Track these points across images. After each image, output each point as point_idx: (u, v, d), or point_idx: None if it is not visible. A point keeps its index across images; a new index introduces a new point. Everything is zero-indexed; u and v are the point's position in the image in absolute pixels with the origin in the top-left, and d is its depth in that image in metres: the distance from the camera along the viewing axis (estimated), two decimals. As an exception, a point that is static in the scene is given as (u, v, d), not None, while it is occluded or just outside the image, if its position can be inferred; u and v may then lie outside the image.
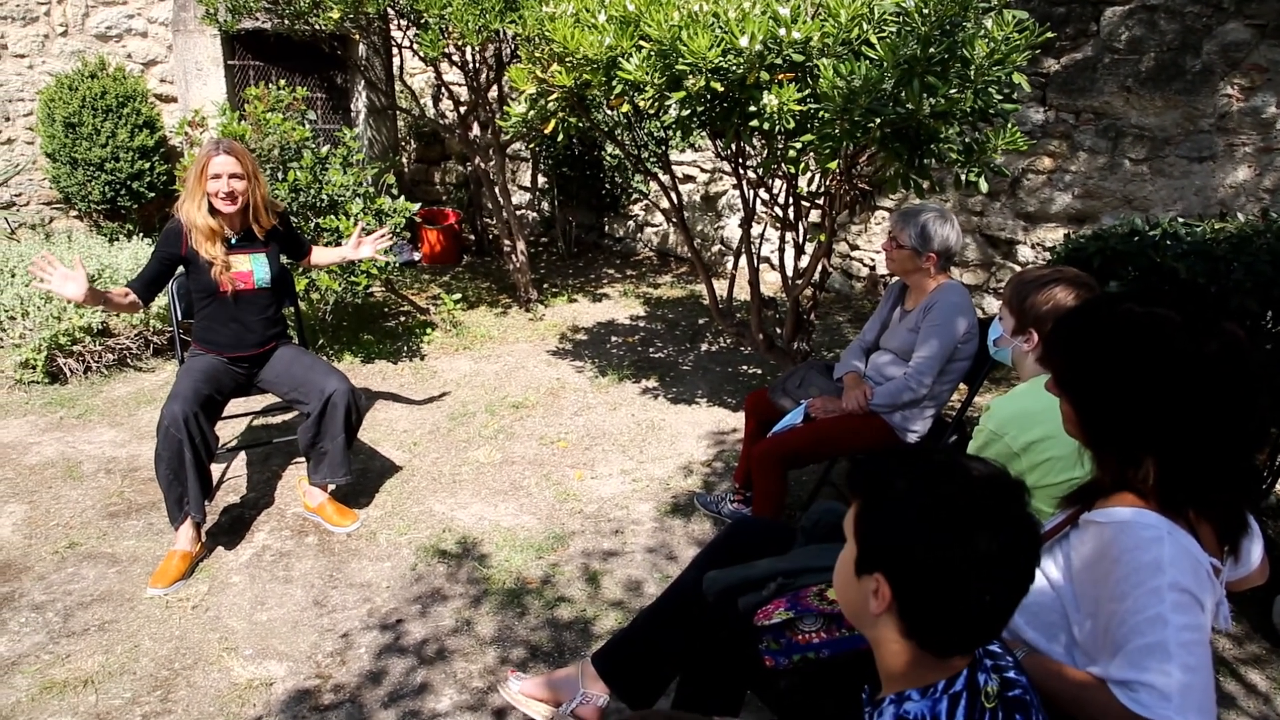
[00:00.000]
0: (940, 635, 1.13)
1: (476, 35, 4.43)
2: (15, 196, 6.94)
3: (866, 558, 1.17)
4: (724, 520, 3.46)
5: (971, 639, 1.14)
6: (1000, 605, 1.12)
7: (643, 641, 2.05)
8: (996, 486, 1.13)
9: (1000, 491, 1.12)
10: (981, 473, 1.14)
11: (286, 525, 3.45)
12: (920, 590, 1.12)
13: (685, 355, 5.29)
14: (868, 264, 6.17)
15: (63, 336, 4.62)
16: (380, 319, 5.78)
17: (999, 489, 1.12)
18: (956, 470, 1.14)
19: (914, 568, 1.11)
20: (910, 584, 1.12)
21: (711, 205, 7.05)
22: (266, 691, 2.58)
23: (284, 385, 3.42)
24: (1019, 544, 1.10)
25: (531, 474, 3.84)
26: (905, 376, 3.04)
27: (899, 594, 1.13)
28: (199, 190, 3.21)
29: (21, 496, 3.61)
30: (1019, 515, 1.11)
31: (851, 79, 2.80)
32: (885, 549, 1.15)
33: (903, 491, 1.14)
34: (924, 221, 3.03)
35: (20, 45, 6.85)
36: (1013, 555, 1.10)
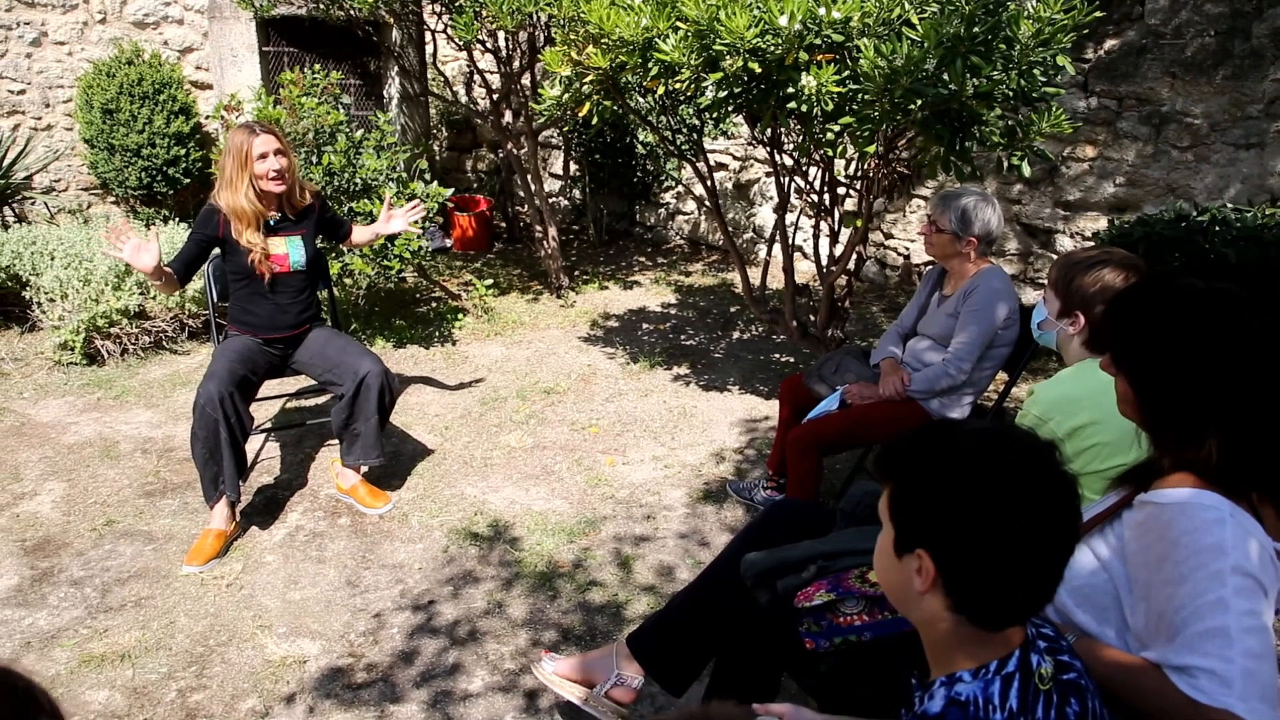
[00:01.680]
0: (989, 606, 1.10)
1: (511, 19, 4.41)
2: (55, 182, 7.02)
3: (905, 536, 1.14)
4: (756, 507, 3.43)
5: (1022, 607, 1.10)
6: (1046, 568, 1.08)
7: (678, 623, 2.03)
8: (1025, 447, 1.09)
9: (1030, 452, 1.09)
10: (1009, 436, 1.11)
11: (319, 506, 3.46)
12: (964, 560, 1.09)
13: (717, 343, 5.25)
14: (902, 253, 6.09)
15: (100, 319, 4.66)
16: (412, 304, 5.79)
17: (1028, 450, 1.09)
18: (983, 437, 1.11)
19: (954, 537, 1.09)
20: (953, 555, 1.09)
21: (743, 193, 6.99)
22: (300, 669, 2.59)
23: (318, 367, 3.43)
24: (1056, 503, 1.07)
25: (563, 459, 3.82)
26: (944, 362, 2.99)
27: (943, 567, 1.10)
28: (242, 177, 3.20)
29: (61, 475, 3.66)
30: (1052, 474, 1.08)
31: (893, 58, 2.75)
32: (924, 524, 1.12)
33: (932, 466, 1.11)
34: (965, 205, 2.97)
35: (60, 33, 6.92)
36: (1052, 514, 1.06)
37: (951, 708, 1.06)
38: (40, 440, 3.95)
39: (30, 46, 6.83)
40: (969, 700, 1.06)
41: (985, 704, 1.06)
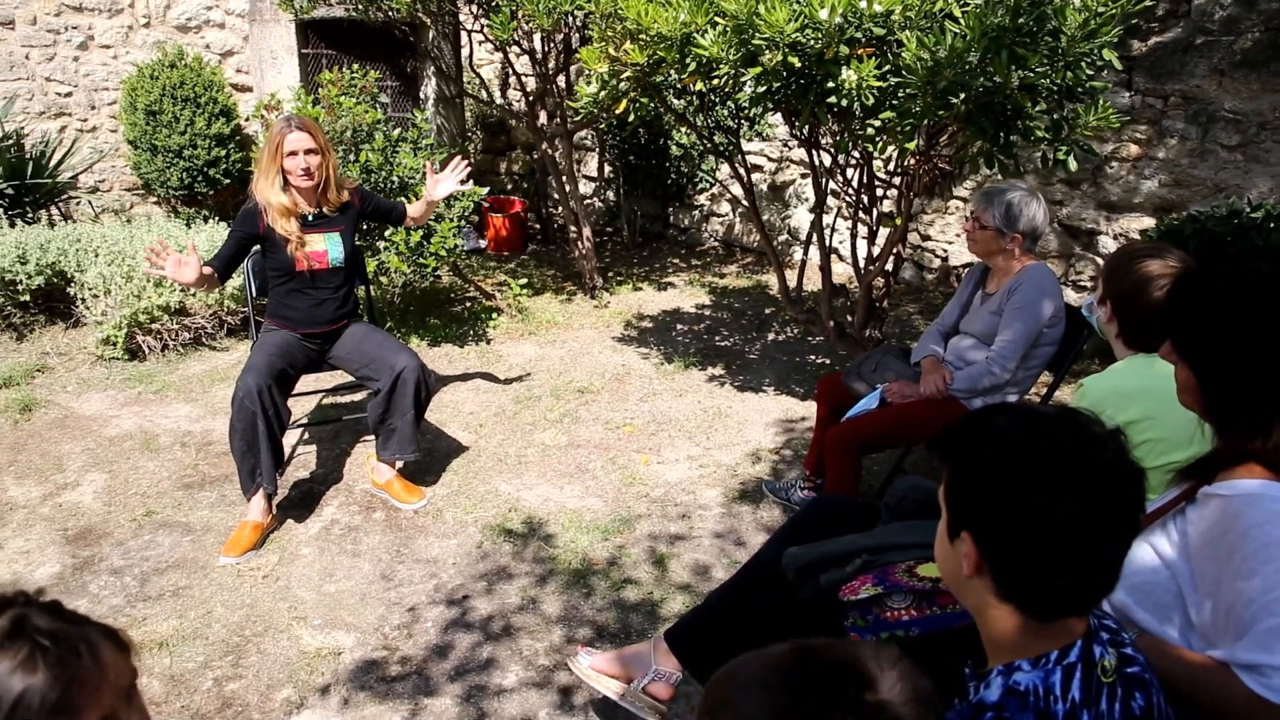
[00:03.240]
0: (1038, 594, 1.06)
1: (547, 18, 4.41)
2: (99, 182, 7.14)
3: (954, 519, 1.11)
4: (793, 508, 3.39)
5: (1075, 598, 1.06)
6: (1097, 559, 1.04)
7: (718, 618, 2.00)
8: (1078, 434, 1.05)
9: (1084, 439, 1.04)
10: (1065, 422, 1.07)
11: (354, 501, 3.47)
12: (1004, 546, 1.06)
13: (752, 344, 5.21)
14: (940, 254, 6.02)
15: (142, 315, 4.72)
16: (447, 304, 5.80)
17: (1082, 436, 1.05)
18: (1037, 421, 1.08)
19: (994, 523, 1.06)
20: (993, 541, 1.06)
21: (778, 195, 6.95)
22: (335, 660, 2.58)
23: (354, 362, 3.44)
24: (1107, 493, 1.02)
25: (597, 458, 3.80)
26: (987, 361, 2.93)
27: (985, 552, 1.07)
28: (274, 168, 3.23)
29: (102, 466, 3.70)
30: (1106, 463, 1.03)
31: (937, 50, 2.71)
32: (967, 507, 1.09)
33: (979, 448, 1.08)
34: (1010, 200, 2.92)
35: (106, 36, 7.04)
36: (1100, 504, 1.02)
37: (1010, 697, 1.03)
38: (82, 432, 4.00)
39: (77, 50, 6.96)
40: (1028, 690, 1.02)
41: (1046, 694, 1.02)
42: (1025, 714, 1.01)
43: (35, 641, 0.89)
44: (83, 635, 0.93)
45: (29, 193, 5.83)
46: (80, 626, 0.94)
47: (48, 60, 6.87)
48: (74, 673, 0.89)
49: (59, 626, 0.92)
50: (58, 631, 0.91)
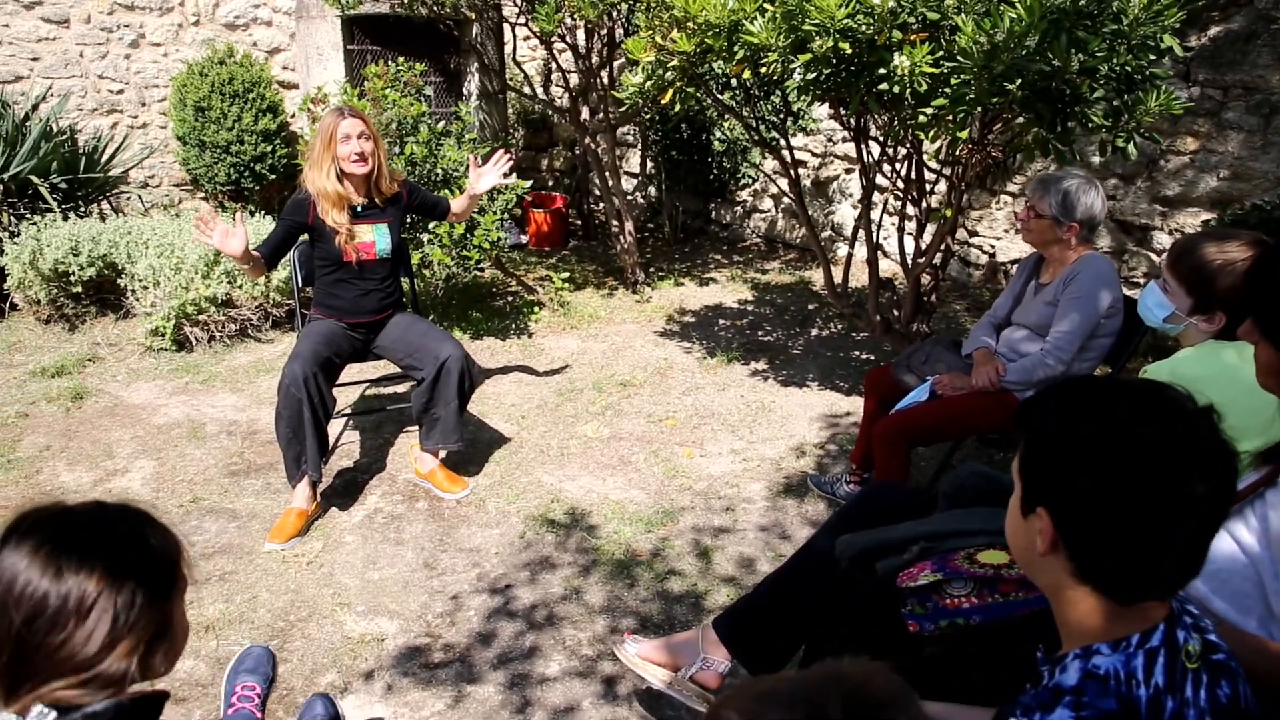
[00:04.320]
0: (1119, 576, 1.01)
1: (593, 9, 4.39)
2: (149, 178, 7.26)
3: (1029, 494, 1.07)
4: (839, 502, 3.33)
5: (1157, 580, 1.01)
6: (1179, 540, 0.98)
7: (768, 606, 1.95)
8: (1173, 410, 0.99)
9: (1172, 415, 0.99)
10: (1152, 395, 1.01)
11: (398, 490, 3.48)
12: (1083, 524, 1.01)
13: (795, 339, 5.15)
14: (987, 250, 5.91)
15: (190, 306, 4.78)
16: (488, 298, 5.81)
17: (1169, 412, 0.99)
18: (1122, 394, 1.02)
19: (1071, 498, 1.01)
20: (1071, 517, 1.01)
21: (822, 190, 6.88)
22: (378, 646, 2.58)
23: (399, 351, 3.44)
24: (1193, 471, 0.97)
25: (640, 450, 3.77)
26: (1042, 352, 2.86)
27: (1062, 529, 1.02)
28: (327, 156, 3.24)
29: (150, 454, 3.74)
30: (1193, 440, 0.97)
31: (994, 33, 2.64)
32: (1044, 482, 1.04)
33: (1058, 420, 1.03)
34: (1066, 188, 2.84)
35: (156, 34, 7.16)
36: (1185, 483, 0.96)
37: (1089, 680, 0.98)
38: (132, 421, 4.05)
39: (129, 48, 7.08)
40: (1108, 674, 0.98)
41: (1128, 678, 0.97)
42: (1106, 699, 0.96)
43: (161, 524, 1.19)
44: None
45: (82, 187, 5.93)
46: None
47: (100, 58, 7.00)
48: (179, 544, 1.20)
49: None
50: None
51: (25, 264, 5.00)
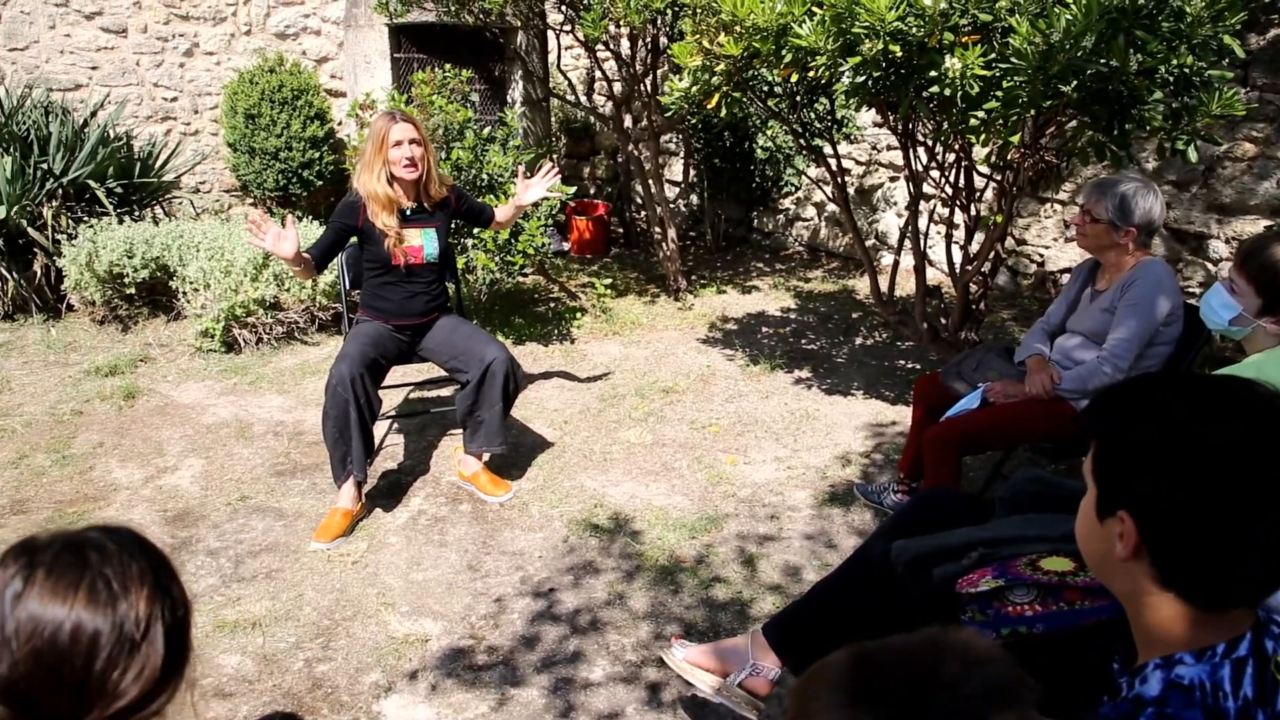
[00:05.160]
0: (1204, 582, 0.96)
1: (639, 15, 4.40)
2: (200, 183, 7.39)
3: (1107, 497, 1.02)
4: (886, 512, 3.28)
5: (1247, 587, 0.96)
6: (1275, 544, 0.94)
7: (820, 612, 1.92)
8: (1266, 408, 0.95)
9: (1265, 412, 0.94)
10: (1240, 391, 0.97)
11: (441, 492, 3.48)
12: (1168, 527, 0.96)
13: (839, 348, 5.10)
14: (1036, 259, 5.81)
15: (239, 309, 4.85)
16: (531, 303, 5.83)
17: (1263, 408, 0.95)
18: (1207, 389, 0.98)
19: (1158, 500, 0.96)
20: (1157, 520, 0.97)
21: (866, 198, 6.81)
22: (422, 647, 2.58)
23: (444, 353, 3.45)
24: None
25: (683, 456, 3.75)
26: (1098, 359, 2.79)
27: (1145, 533, 0.98)
28: (378, 161, 3.26)
29: (199, 452, 3.79)
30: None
31: (1050, 33, 2.59)
32: (1126, 483, 1.00)
33: (1140, 418, 0.99)
34: (1124, 192, 2.77)
35: (210, 44, 7.30)
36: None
37: (1172, 691, 0.94)
38: (181, 420, 4.11)
39: (183, 57, 7.23)
40: (1193, 684, 0.93)
41: (1214, 689, 0.93)
42: (1191, 710, 0.92)
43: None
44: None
45: (136, 192, 6.06)
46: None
47: (156, 66, 7.15)
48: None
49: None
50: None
51: (82, 266, 5.11)
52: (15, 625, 0.94)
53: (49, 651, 0.93)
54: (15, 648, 0.93)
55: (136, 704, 0.96)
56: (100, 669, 0.94)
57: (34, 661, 0.93)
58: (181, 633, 1.04)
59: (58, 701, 0.94)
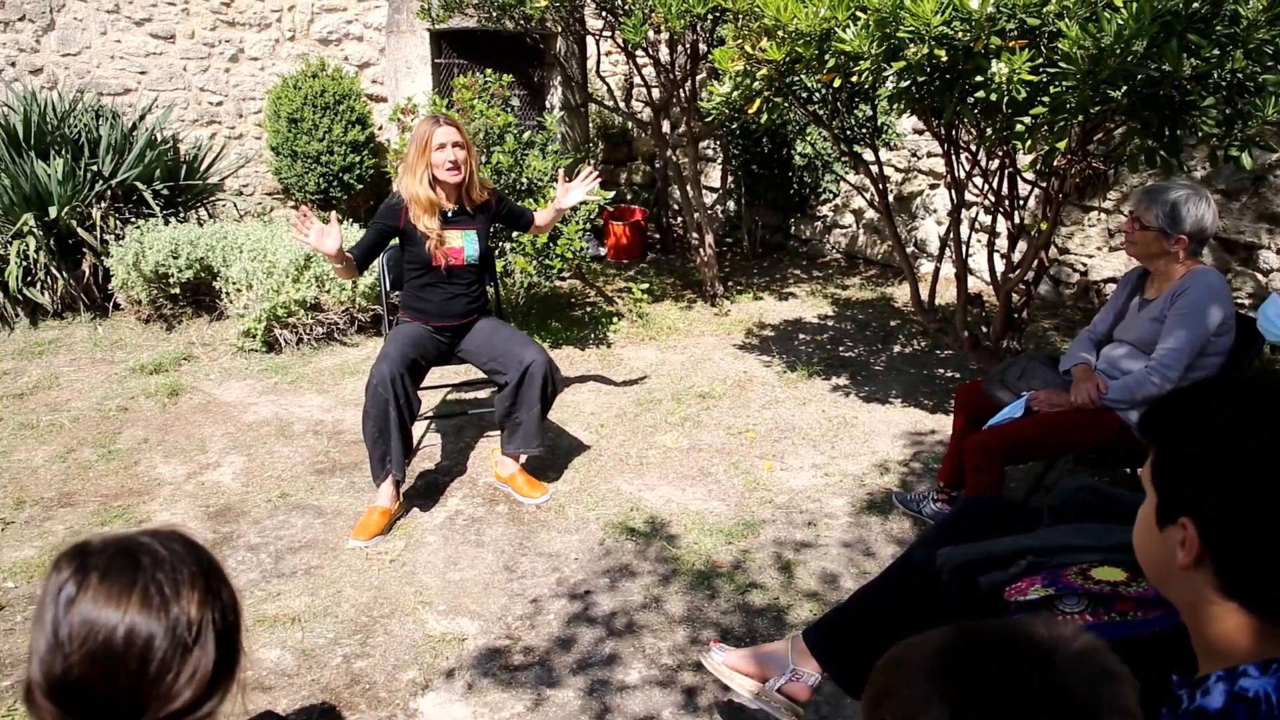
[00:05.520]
0: (1269, 592, 0.94)
1: (680, 20, 4.40)
2: (243, 186, 7.50)
3: (1168, 504, 1.00)
4: (925, 520, 3.24)
5: None
6: None
7: (862, 619, 1.90)
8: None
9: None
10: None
11: (478, 493, 3.50)
12: (1234, 534, 0.94)
13: (877, 355, 5.06)
14: (1079, 268, 5.73)
15: (280, 309, 4.91)
16: (568, 307, 5.84)
17: None
18: (1273, 392, 0.95)
19: (1223, 506, 0.94)
20: (1219, 527, 0.94)
21: (905, 206, 6.76)
22: (459, 646, 2.59)
23: (483, 355, 3.47)
24: None
25: (719, 462, 3.74)
26: (1147, 369, 2.74)
27: (1209, 541, 0.95)
28: (421, 163, 3.29)
29: (241, 449, 3.84)
30: None
31: (1100, 37, 2.55)
32: (1189, 489, 0.97)
33: (1204, 423, 0.97)
34: (1174, 199, 2.73)
35: (255, 49, 7.41)
36: None
37: (1237, 704, 0.91)
38: (223, 417, 4.17)
39: (229, 62, 7.34)
40: (1259, 697, 0.91)
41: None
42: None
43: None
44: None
45: (182, 194, 6.16)
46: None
47: (202, 71, 7.28)
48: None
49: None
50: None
51: (129, 266, 5.21)
52: (70, 628, 0.95)
53: (103, 654, 0.95)
54: (69, 650, 0.95)
55: (188, 707, 0.97)
56: (154, 672, 0.96)
57: (88, 664, 0.94)
58: (232, 635, 1.04)
59: (111, 704, 0.95)
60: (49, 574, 1.00)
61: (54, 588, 0.98)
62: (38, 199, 5.40)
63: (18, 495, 3.44)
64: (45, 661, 0.95)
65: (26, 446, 3.87)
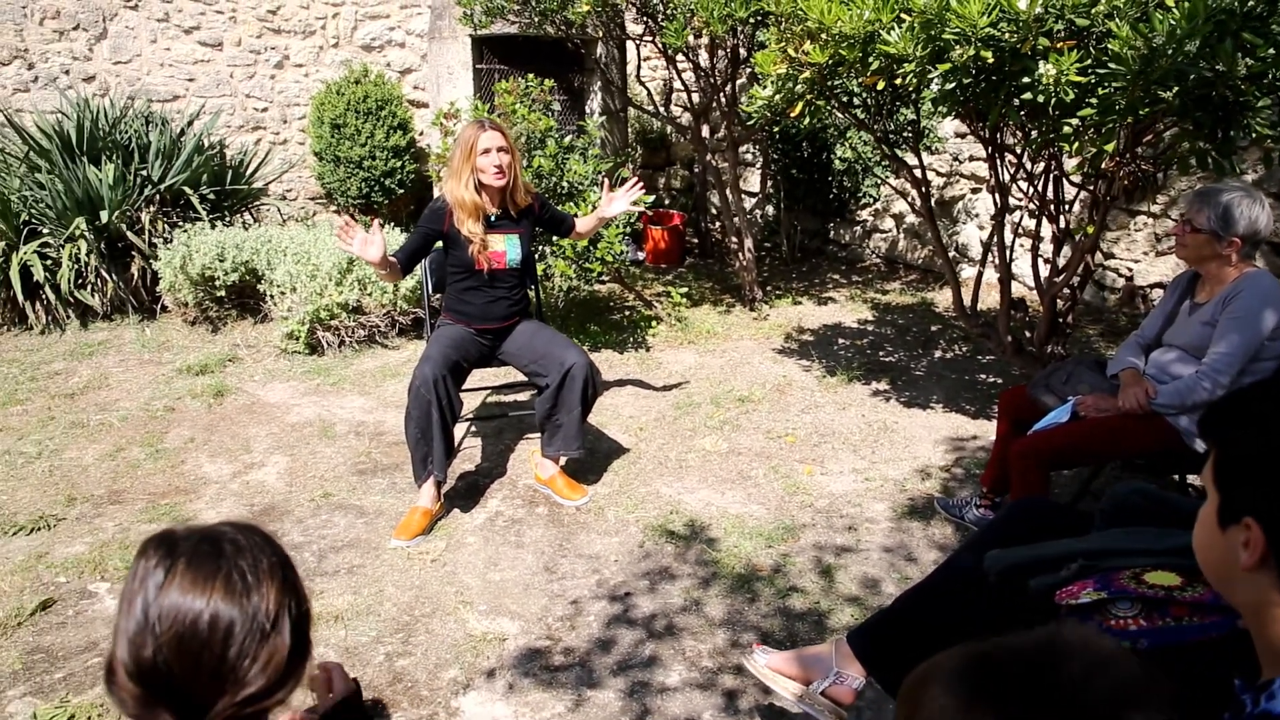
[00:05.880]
0: None
1: (721, 24, 4.40)
2: (287, 191, 7.63)
3: (1231, 504, 0.98)
4: (968, 527, 3.21)
5: None
6: None
7: (908, 623, 1.88)
8: None
9: None
10: None
11: (518, 495, 3.51)
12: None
13: (917, 360, 5.01)
14: (1124, 273, 5.63)
15: (323, 312, 4.97)
16: (606, 311, 5.86)
17: None
18: None
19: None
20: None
21: (946, 211, 6.70)
22: (500, 646, 2.60)
23: (524, 357, 3.49)
24: None
25: (759, 465, 3.72)
26: (1198, 374, 2.68)
27: (1274, 541, 0.93)
28: (466, 168, 3.31)
29: (284, 450, 3.89)
30: None
31: (1152, 37, 2.52)
32: (1253, 489, 0.95)
33: (1270, 420, 0.94)
34: (1227, 201, 2.67)
35: (299, 56, 7.54)
36: None
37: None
38: (267, 418, 4.23)
39: (274, 69, 7.47)
40: (1327, 700, 0.89)
41: (1351, 705, 0.88)
42: (1325, 728, 0.87)
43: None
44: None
45: (227, 198, 6.28)
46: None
47: (248, 78, 7.41)
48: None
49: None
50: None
51: (176, 269, 5.31)
52: (159, 612, 0.99)
53: (190, 638, 0.98)
54: (159, 633, 0.98)
55: (262, 693, 1.00)
56: (234, 657, 0.99)
57: (175, 647, 0.98)
58: (304, 626, 1.08)
59: (194, 687, 0.99)
60: (136, 560, 1.03)
61: (142, 573, 1.01)
62: (89, 203, 5.53)
63: (69, 492, 3.52)
64: (134, 643, 0.99)
65: (77, 445, 3.96)
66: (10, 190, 5.61)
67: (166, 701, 0.99)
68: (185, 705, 0.99)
